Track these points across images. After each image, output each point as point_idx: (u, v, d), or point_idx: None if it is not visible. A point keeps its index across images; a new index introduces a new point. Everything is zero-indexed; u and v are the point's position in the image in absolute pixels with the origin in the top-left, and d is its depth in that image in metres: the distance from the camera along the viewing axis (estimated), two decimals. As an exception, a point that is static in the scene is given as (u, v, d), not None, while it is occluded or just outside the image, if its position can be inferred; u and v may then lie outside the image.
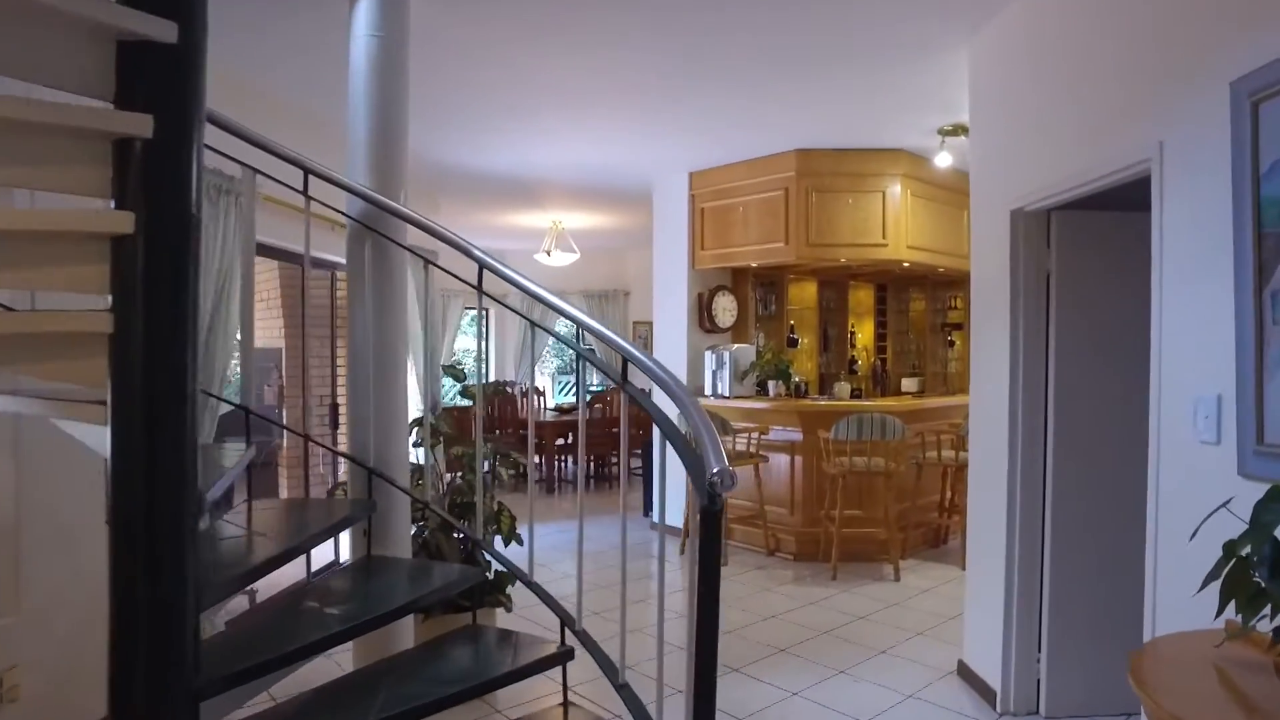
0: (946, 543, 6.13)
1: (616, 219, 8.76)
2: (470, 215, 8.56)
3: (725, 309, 6.58)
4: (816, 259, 5.97)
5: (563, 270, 11.47)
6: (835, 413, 5.68)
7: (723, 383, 6.18)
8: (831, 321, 7.86)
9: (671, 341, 6.62)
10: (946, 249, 6.18)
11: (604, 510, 7.65)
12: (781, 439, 6.00)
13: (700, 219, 6.43)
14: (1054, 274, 3.19)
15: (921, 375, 7.93)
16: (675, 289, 6.57)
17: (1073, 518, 3.19)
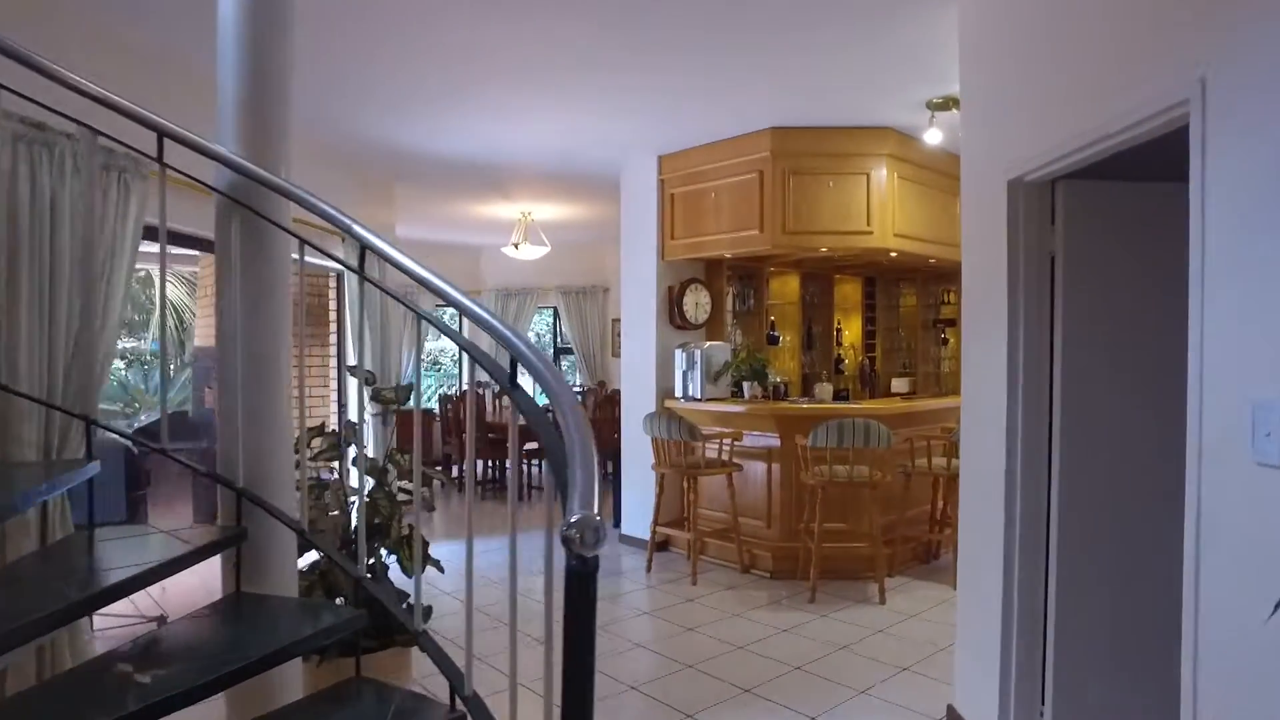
0: (938, 558, 5.63)
1: (589, 210, 8.24)
2: (434, 206, 8.04)
3: (698, 304, 6.06)
4: (794, 248, 5.46)
5: (538, 266, 10.94)
6: (816, 417, 5.17)
7: (694, 384, 5.67)
8: (816, 317, 7.36)
9: (639, 339, 6.11)
10: (938, 237, 5.67)
11: (572, 521, 7.12)
12: (757, 445, 5.49)
13: (670, 206, 5.92)
14: (1060, 256, 2.69)
15: (913, 375, 7.43)
16: (643, 282, 6.06)
17: (1083, 542, 2.68)
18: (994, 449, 2.85)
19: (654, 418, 5.28)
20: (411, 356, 10.68)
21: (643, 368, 6.06)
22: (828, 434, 4.65)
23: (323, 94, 4.65)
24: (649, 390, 5.99)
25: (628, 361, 6.23)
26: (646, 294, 6.03)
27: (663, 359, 5.97)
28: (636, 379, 6.12)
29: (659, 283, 5.98)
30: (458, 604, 4.62)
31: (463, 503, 8.23)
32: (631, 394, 6.17)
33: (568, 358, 12.09)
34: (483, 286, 11.07)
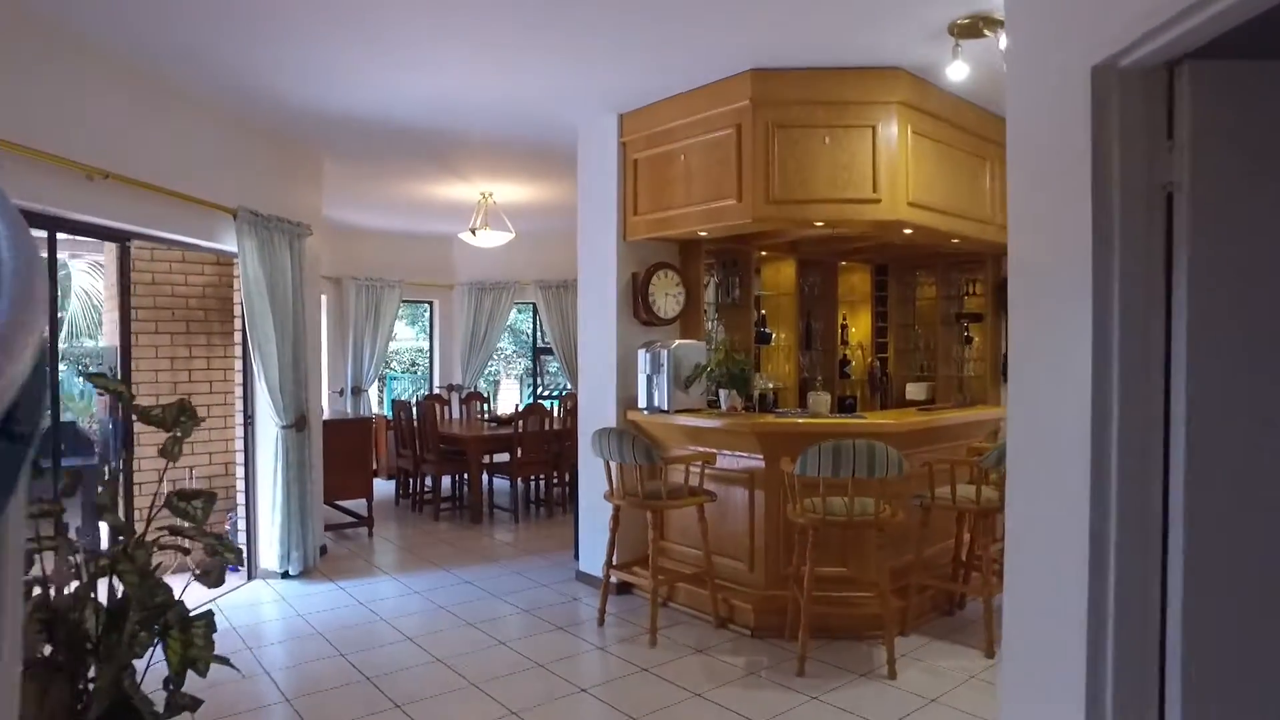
0: (963, 609, 4.53)
1: (557, 191, 7.19)
2: (376, 187, 7.01)
3: (667, 294, 4.99)
4: (782, 222, 4.38)
5: (515, 259, 9.92)
6: (808, 434, 4.10)
7: (660, 392, 4.60)
8: (817, 312, 6.27)
9: (596, 337, 5.05)
10: (962, 210, 4.58)
11: (535, 550, 6.07)
12: (737, 467, 4.42)
13: (633, 175, 4.86)
14: (1185, 191, 1.60)
15: (932, 379, 6.32)
16: (601, 268, 5.00)
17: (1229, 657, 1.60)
18: (1068, 494, 1.77)
19: (604, 436, 4.22)
20: (373, 357, 9.70)
21: (600, 372, 5.00)
22: (820, 460, 3.57)
23: (217, 37, 3.63)
24: (608, 400, 4.93)
25: (585, 365, 5.17)
26: (605, 282, 4.97)
27: (624, 362, 4.91)
28: (594, 386, 5.07)
29: (620, 268, 4.92)
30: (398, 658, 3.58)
31: (423, 523, 7.24)
32: (589, 405, 5.11)
33: (549, 359, 11.04)
34: (455, 280, 10.05)
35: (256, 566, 5.29)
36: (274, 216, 4.98)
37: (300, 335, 5.28)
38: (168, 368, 5.63)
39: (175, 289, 5.69)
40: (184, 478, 5.60)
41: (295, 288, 5.23)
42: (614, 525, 4.38)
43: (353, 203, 7.67)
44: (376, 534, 6.57)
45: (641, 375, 4.72)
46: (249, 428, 5.31)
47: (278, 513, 5.10)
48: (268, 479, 5.17)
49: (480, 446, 7.03)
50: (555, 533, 6.61)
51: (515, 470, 7.00)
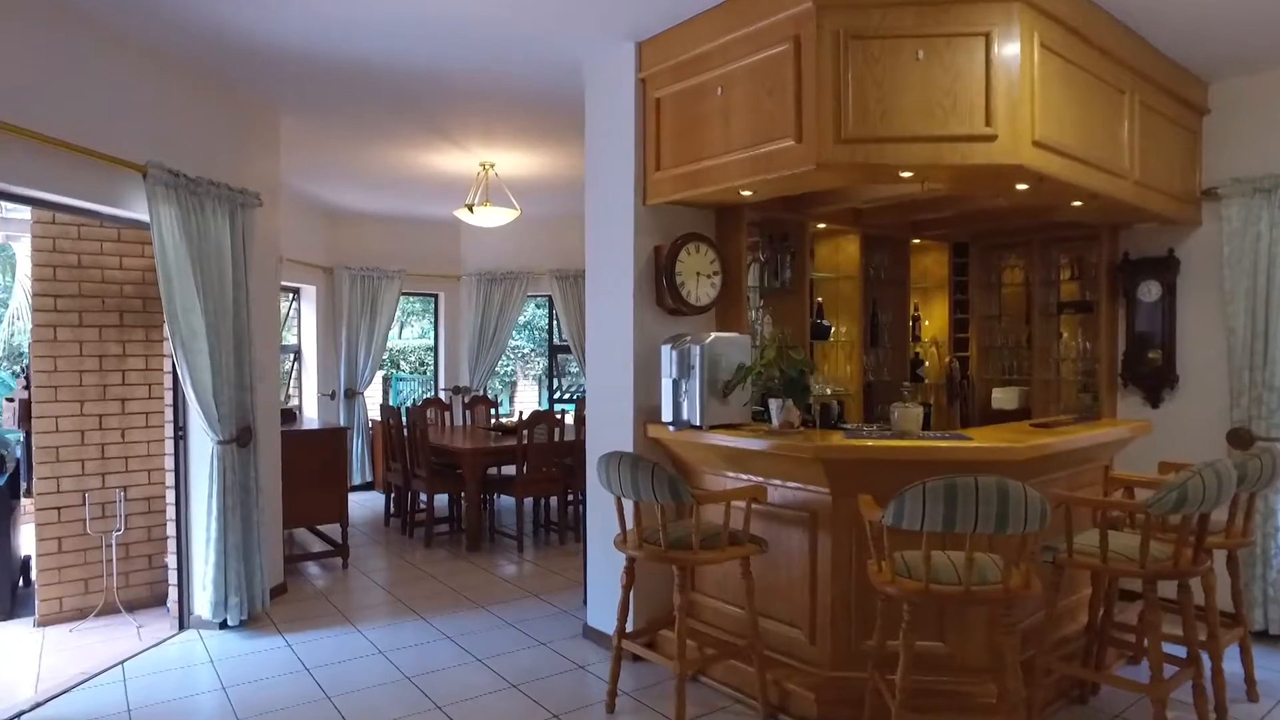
0: (1097, 695, 3.35)
1: (568, 162, 6.12)
2: (359, 152, 5.99)
3: (700, 274, 3.88)
4: (856, 171, 3.23)
5: (529, 246, 8.86)
6: (898, 462, 2.98)
7: (691, 401, 3.49)
8: (884, 300, 5.11)
9: (608, 329, 3.95)
10: (1098, 158, 3.41)
11: (538, 588, 4.99)
12: (793, 502, 3.30)
13: (655, 119, 3.75)
14: None
15: (1024, 384, 5.14)
16: (615, 242, 3.90)
17: None
18: None
19: (614, 465, 3.11)
20: (369, 357, 8.70)
21: (613, 375, 3.90)
22: (927, 506, 2.43)
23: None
24: (622, 411, 3.83)
25: (593, 366, 4.08)
26: (619, 259, 3.87)
27: (644, 362, 3.81)
28: (604, 393, 3.97)
29: (638, 241, 3.81)
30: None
31: (411, 550, 6.17)
32: (599, 416, 4.02)
33: (567, 359, 9.98)
34: (461, 270, 9.03)
35: (189, 613, 4.27)
36: (205, 180, 3.96)
37: (245, 330, 4.26)
38: (95, 368, 4.64)
39: (107, 273, 4.71)
40: (114, 500, 4.62)
41: (238, 270, 4.21)
42: (627, 581, 3.27)
43: (332, 175, 6.67)
44: (353, 565, 5.55)
45: (666, 379, 3.62)
46: (180, 442, 4.30)
47: (211, 549, 4.08)
48: (202, 506, 4.16)
49: (478, 460, 5.97)
50: (565, 565, 5.53)
51: (519, 488, 5.94)
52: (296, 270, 7.62)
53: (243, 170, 4.50)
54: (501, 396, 12.12)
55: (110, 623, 4.43)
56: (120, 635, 4.26)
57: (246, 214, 4.29)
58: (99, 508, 4.61)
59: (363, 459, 8.36)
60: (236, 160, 4.49)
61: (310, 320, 8.15)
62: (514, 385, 13.01)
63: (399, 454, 6.47)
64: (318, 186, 7.04)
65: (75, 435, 4.55)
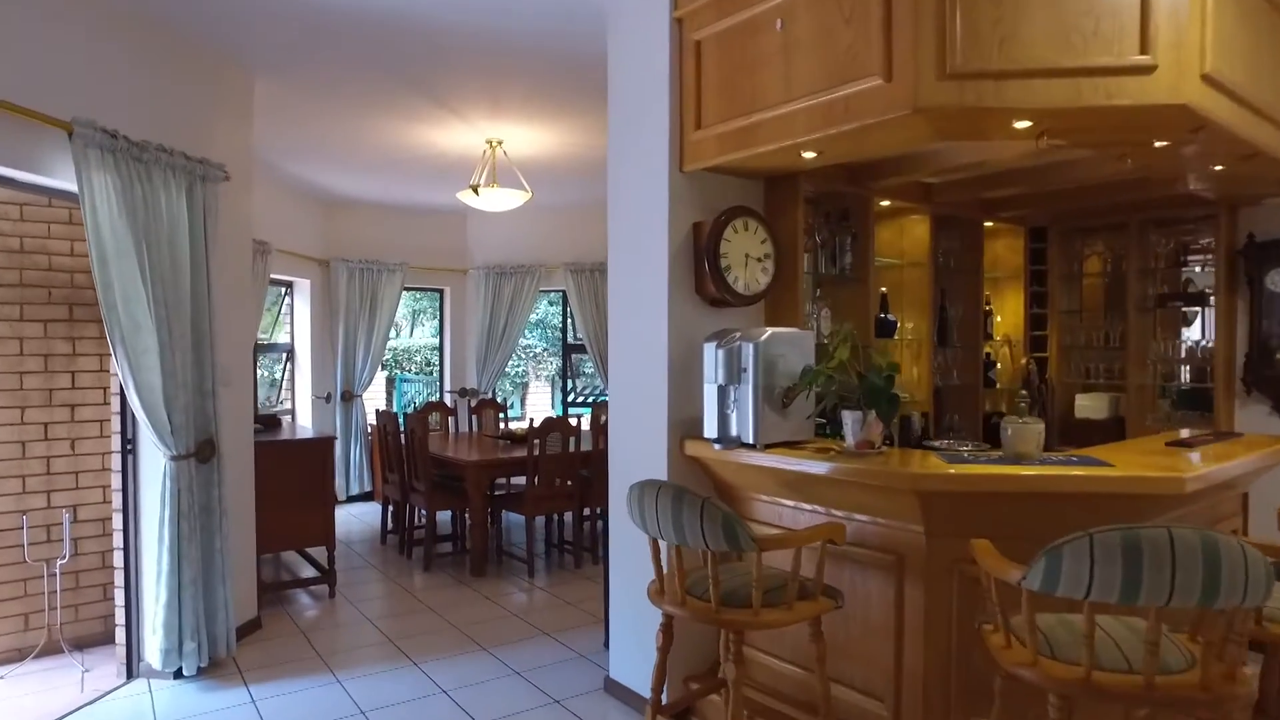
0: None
1: (584, 140, 5.45)
2: (349, 126, 5.33)
3: (749, 256, 3.19)
4: (966, 117, 2.50)
5: (541, 237, 8.20)
6: (1013, 495, 2.29)
7: (742, 412, 2.80)
8: (953, 292, 4.40)
9: (635, 324, 3.25)
10: (1272, 107, 2.69)
11: (552, 623, 4.31)
12: (870, 539, 2.61)
13: (694, 65, 3.06)
14: None
15: (1119, 389, 4.42)
16: (645, 215, 3.21)
17: None
18: None
19: (650, 497, 2.41)
20: (368, 356, 8.05)
21: (642, 380, 3.21)
22: (1100, 566, 1.72)
23: None
24: (653, 424, 3.14)
25: (617, 370, 3.39)
26: (649, 238, 3.18)
27: (681, 364, 3.12)
28: (631, 401, 3.28)
29: (674, 216, 3.12)
30: None
31: (409, 574, 5.48)
32: (623, 430, 3.33)
33: (582, 359, 9.31)
34: (469, 263, 8.37)
35: (139, 660, 3.62)
36: (154, 145, 3.30)
37: (205, 325, 3.60)
38: (39, 369, 4.00)
39: (55, 260, 4.07)
40: (60, 522, 3.98)
41: (197, 254, 3.55)
42: (664, 642, 2.58)
43: (323, 155, 6.02)
44: (341, 593, 4.89)
45: (709, 386, 2.92)
46: (128, 458, 3.65)
47: (162, 585, 3.43)
48: (153, 533, 3.50)
49: (483, 473, 5.31)
50: (582, 593, 4.85)
51: (529, 505, 5.26)
52: (289, 262, 6.99)
53: (205, 138, 3.84)
54: (512, 399, 11.46)
55: (52, 666, 3.79)
56: (61, 682, 3.62)
57: (208, 188, 3.64)
58: (42, 531, 3.97)
59: (361, 467, 7.72)
60: (196, 126, 3.83)
61: (304, 317, 7.52)
62: (525, 387, 12.35)
63: (396, 464, 5.82)
64: (309, 169, 6.40)
65: (15, 447, 3.91)
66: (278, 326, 7.50)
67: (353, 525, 6.82)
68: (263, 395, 7.33)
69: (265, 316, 7.16)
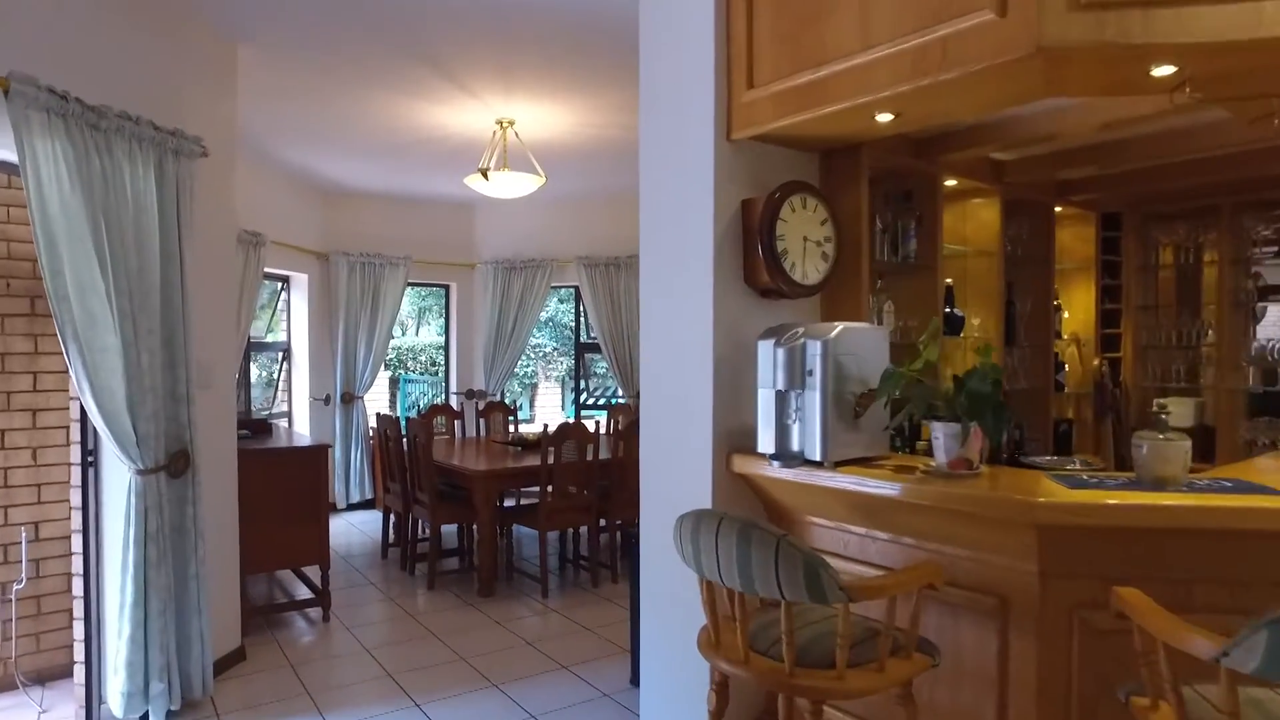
0: None
1: (604, 119, 4.99)
2: (348, 103, 4.89)
3: (808, 240, 2.72)
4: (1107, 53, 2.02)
5: (553, 230, 7.75)
6: (1155, 531, 1.82)
7: (808, 425, 2.33)
8: (1020, 285, 3.93)
9: (676, 320, 2.79)
10: None
11: (568, 654, 3.85)
12: (964, 578, 2.14)
13: (746, 10, 2.60)
14: None
15: (1195, 394, 3.94)
16: (686, 191, 2.74)
17: None
18: None
19: (704, 532, 1.93)
20: (369, 356, 7.60)
21: (681, 385, 2.75)
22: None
23: None
24: (695, 435, 2.68)
25: (651, 373, 2.92)
26: (692, 220, 2.72)
27: (728, 365, 2.65)
28: (668, 410, 2.82)
29: (720, 192, 2.66)
30: None
31: (411, 593, 5.00)
32: (658, 444, 2.87)
33: (598, 358, 8.86)
34: (476, 257, 7.92)
35: (99, 703, 3.17)
36: (113, 110, 2.85)
37: (179, 320, 3.15)
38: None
39: (14, 247, 3.63)
40: (17, 541, 3.54)
41: (169, 239, 3.11)
42: (718, 704, 2.11)
43: (321, 137, 5.57)
44: (336, 616, 4.44)
45: (764, 391, 2.46)
46: (90, 471, 3.20)
47: (126, 618, 2.98)
48: (116, 557, 3.06)
49: (491, 484, 4.85)
50: (602, 618, 4.40)
51: (542, 520, 4.81)
52: (285, 255, 6.55)
53: (178, 107, 3.39)
54: (521, 400, 11.01)
55: (7, 703, 3.35)
56: (15, 724, 3.19)
57: (182, 164, 3.19)
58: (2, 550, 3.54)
59: (362, 473, 7.28)
60: (168, 93, 3.37)
61: (301, 313, 7.08)
62: (534, 388, 11.89)
63: (398, 473, 5.37)
64: (305, 153, 5.95)
65: (-33, 457, 3.48)
66: (274, 324, 7.07)
67: (353, 537, 6.38)
68: (257, 397, 6.90)
69: (260, 313, 6.73)
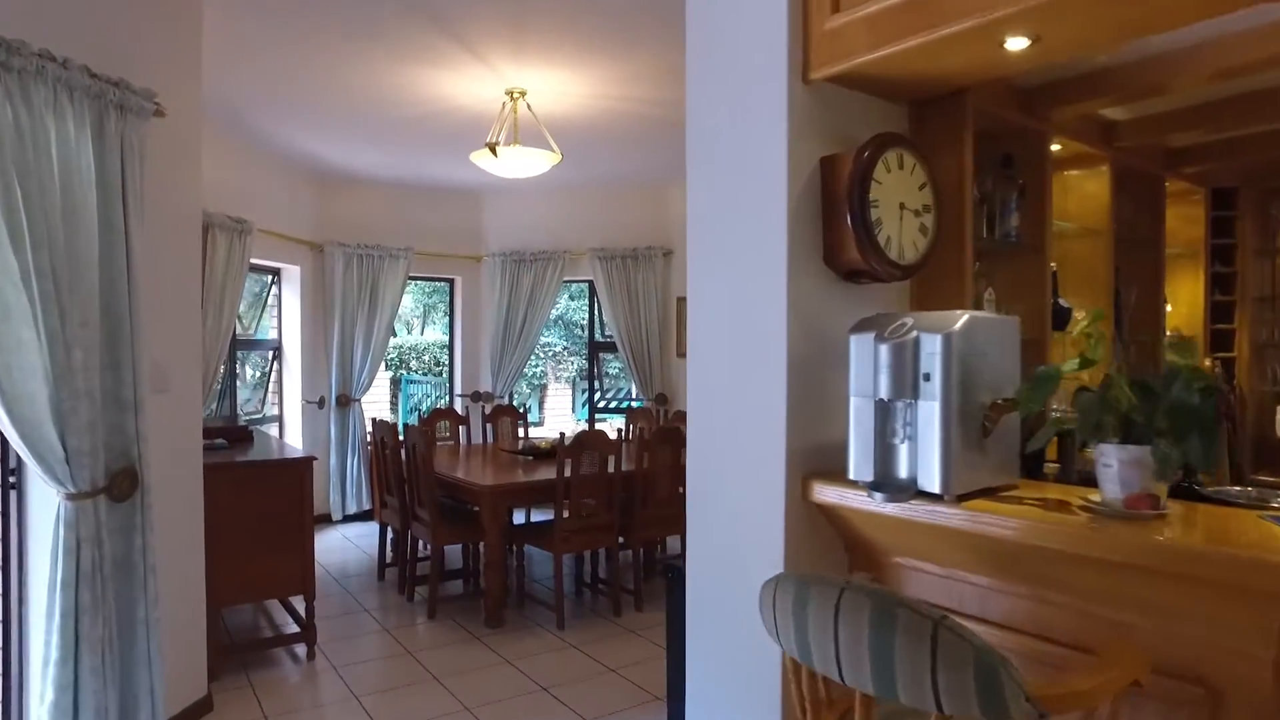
0: None
1: (620, 91, 4.42)
2: (355, 67, 4.33)
3: (904, 207, 2.14)
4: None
5: (566, 220, 7.19)
6: None
7: (921, 444, 1.76)
8: (1126, 271, 3.33)
9: (741, 303, 2.20)
10: None
11: (589, 704, 3.28)
12: (1147, 651, 1.55)
13: (833, -91, 2.02)
14: None
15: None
16: (751, 151, 2.16)
17: None
18: None
19: (815, 600, 1.37)
20: (367, 355, 7.02)
21: (742, 391, 2.16)
22: None
23: None
24: (763, 454, 2.09)
25: (700, 375, 2.33)
26: (759, 185, 2.13)
27: (805, 366, 2.07)
28: (724, 421, 2.23)
29: (794, 151, 2.07)
30: None
31: (410, 622, 4.42)
32: (710, 463, 2.28)
33: (611, 358, 8.29)
34: (483, 249, 7.37)
35: (28, 776, 2.62)
36: (29, 46, 2.29)
37: (124, 310, 2.59)
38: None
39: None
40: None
41: (111, 211, 2.55)
42: (819, 836, 1.54)
43: (310, 109, 5.02)
44: (323, 652, 3.88)
45: (857, 401, 1.89)
46: (9, 496, 2.64)
47: (49, 680, 2.41)
48: (42, 598, 2.50)
49: (500, 501, 4.29)
50: (627, 654, 3.83)
51: (557, 541, 4.24)
52: (275, 245, 6.01)
53: (127, 54, 2.82)
54: (529, 403, 10.45)
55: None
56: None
57: (130, 123, 2.63)
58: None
59: (359, 482, 6.73)
60: (113, 36, 2.80)
61: (293, 309, 6.53)
62: (543, 389, 11.31)
63: (396, 486, 4.81)
64: (295, 132, 5.40)
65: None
66: (263, 319, 6.52)
67: (348, 553, 5.83)
68: (246, 400, 6.36)
69: (246, 308, 6.19)
